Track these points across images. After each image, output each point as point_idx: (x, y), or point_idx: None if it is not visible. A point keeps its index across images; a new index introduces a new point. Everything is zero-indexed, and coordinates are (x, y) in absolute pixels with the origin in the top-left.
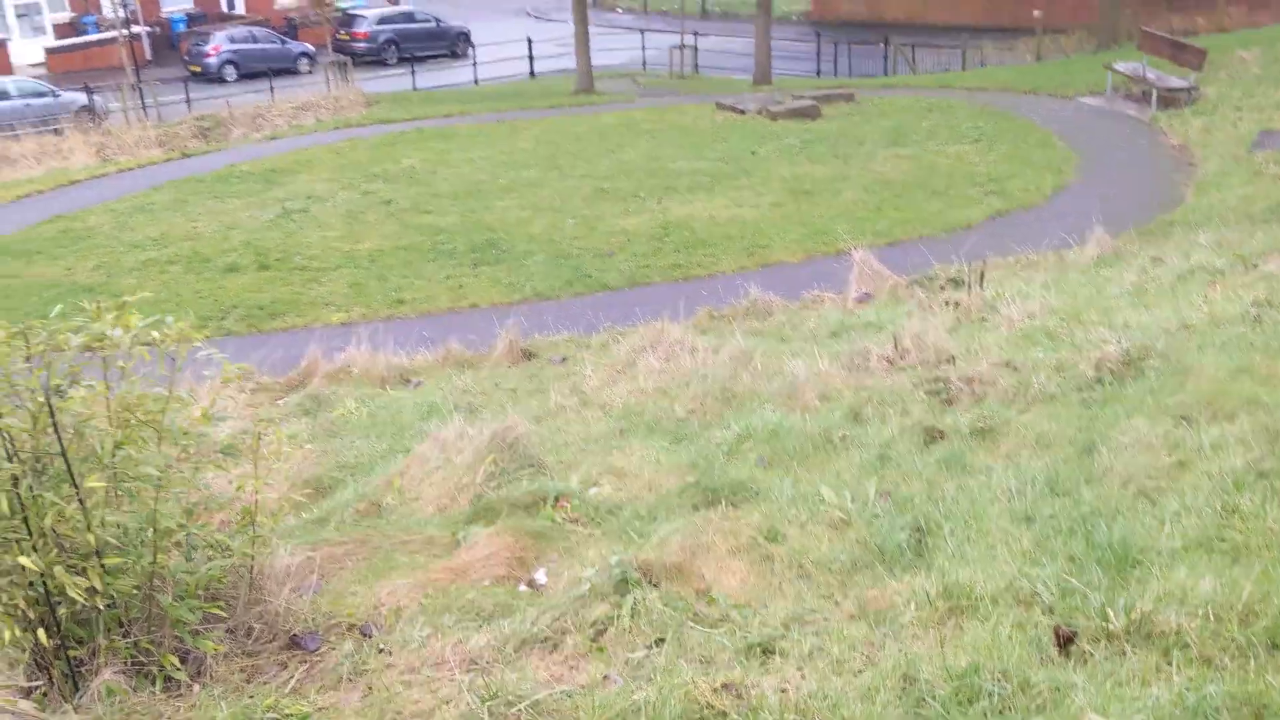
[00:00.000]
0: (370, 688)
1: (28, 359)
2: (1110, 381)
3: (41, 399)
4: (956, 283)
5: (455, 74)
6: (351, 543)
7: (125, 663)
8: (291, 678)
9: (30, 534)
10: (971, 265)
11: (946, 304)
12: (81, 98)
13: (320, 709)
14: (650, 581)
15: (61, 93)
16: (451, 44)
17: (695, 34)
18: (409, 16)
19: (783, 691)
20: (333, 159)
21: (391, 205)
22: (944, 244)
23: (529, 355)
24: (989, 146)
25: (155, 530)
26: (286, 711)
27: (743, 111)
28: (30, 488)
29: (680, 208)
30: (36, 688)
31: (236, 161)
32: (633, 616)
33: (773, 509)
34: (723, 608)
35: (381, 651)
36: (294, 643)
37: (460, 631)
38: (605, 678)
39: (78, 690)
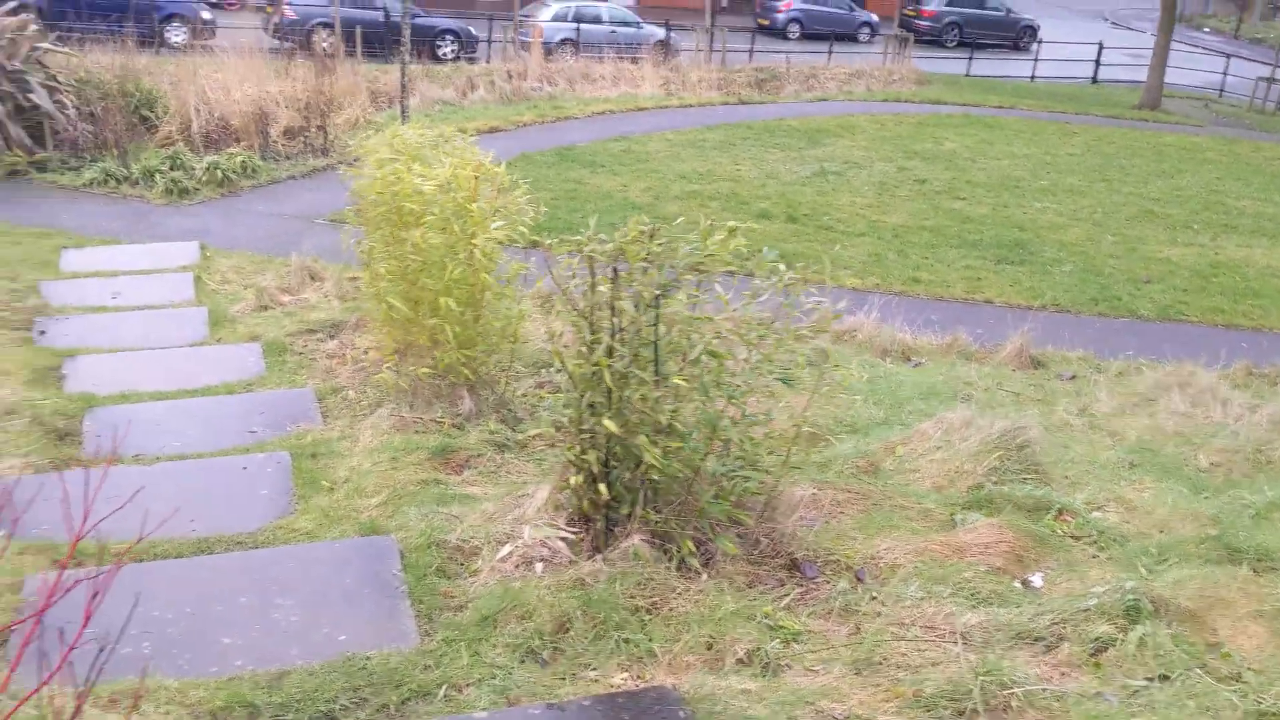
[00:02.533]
0: (858, 628)
1: (647, 258)
2: None
3: (652, 294)
4: None
5: (1013, 66)
6: (852, 493)
7: (650, 536)
8: (787, 595)
9: (613, 405)
10: None
11: None
12: (661, 32)
13: (810, 631)
14: (1161, 618)
15: (645, 25)
16: (1016, 36)
17: None
18: (980, 2)
19: None
20: (875, 129)
21: (925, 185)
22: None
23: (1036, 364)
24: None
25: (714, 430)
26: (780, 623)
27: None
28: (625, 365)
29: (1236, 249)
30: (572, 534)
31: (785, 116)
32: (1139, 646)
33: None
34: (1236, 666)
35: (874, 599)
36: (794, 565)
37: (954, 604)
38: (1098, 694)
39: (607, 545)
